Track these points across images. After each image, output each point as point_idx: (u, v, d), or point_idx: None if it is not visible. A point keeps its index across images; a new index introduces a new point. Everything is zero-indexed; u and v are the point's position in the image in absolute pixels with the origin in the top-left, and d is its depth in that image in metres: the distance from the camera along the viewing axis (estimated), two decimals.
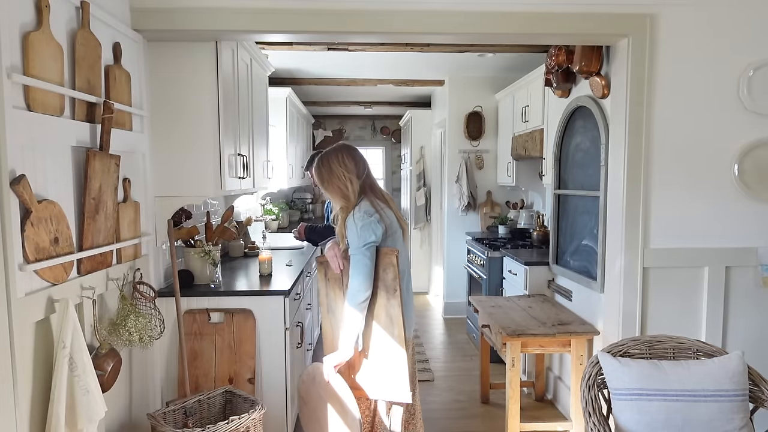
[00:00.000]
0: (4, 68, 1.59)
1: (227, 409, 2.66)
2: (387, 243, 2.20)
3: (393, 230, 2.22)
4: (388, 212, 2.22)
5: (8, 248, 1.61)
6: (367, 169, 2.28)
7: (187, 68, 2.73)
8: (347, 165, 2.20)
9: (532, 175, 4.94)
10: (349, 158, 2.22)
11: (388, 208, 2.24)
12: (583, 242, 3.25)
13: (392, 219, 2.24)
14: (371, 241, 2.11)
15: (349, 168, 2.20)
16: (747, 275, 2.76)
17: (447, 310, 5.88)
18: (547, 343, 3.01)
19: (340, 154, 2.23)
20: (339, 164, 2.20)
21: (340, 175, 2.18)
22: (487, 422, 3.42)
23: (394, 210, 2.28)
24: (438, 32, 2.60)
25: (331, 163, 2.21)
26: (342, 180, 2.18)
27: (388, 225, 2.18)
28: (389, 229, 2.19)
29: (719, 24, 2.65)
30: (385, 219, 2.17)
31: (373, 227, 2.11)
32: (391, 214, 2.23)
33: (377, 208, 2.17)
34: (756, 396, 2.05)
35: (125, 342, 2.24)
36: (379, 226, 2.14)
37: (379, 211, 2.16)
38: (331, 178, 2.20)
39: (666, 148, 2.70)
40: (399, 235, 2.26)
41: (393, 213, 2.26)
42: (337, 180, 2.19)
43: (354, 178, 2.20)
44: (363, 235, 2.11)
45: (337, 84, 5.87)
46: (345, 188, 2.19)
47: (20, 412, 1.66)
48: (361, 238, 2.11)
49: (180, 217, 3.00)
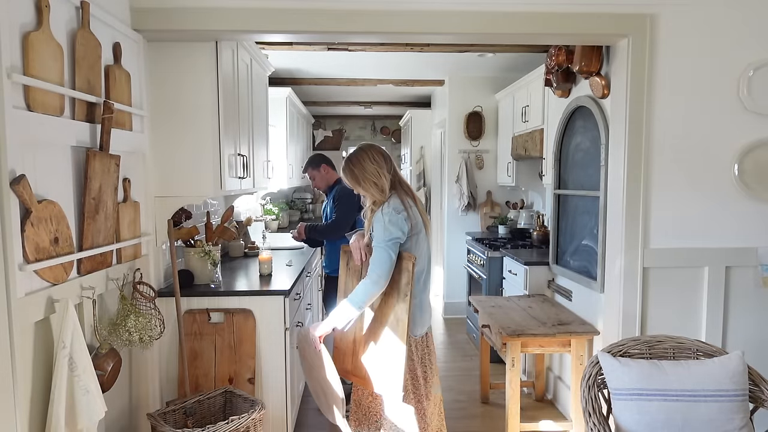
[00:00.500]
0: (4, 68, 1.59)
1: (227, 409, 2.66)
2: (411, 241, 2.24)
3: (418, 229, 2.27)
4: (414, 210, 2.27)
5: (8, 248, 1.61)
6: (394, 164, 2.37)
7: (187, 68, 2.73)
8: (378, 161, 2.28)
9: (532, 175, 4.94)
10: (378, 155, 2.30)
11: (414, 206, 2.29)
12: (583, 242, 3.25)
13: (418, 217, 2.28)
14: (396, 237, 2.17)
15: (380, 164, 2.28)
16: (747, 275, 2.76)
17: (447, 310, 5.88)
18: (547, 343, 3.01)
19: (369, 151, 2.31)
20: (371, 161, 2.27)
21: (374, 171, 2.26)
22: (487, 422, 3.42)
23: (419, 207, 2.32)
24: (438, 32, 2.60)
25: (363, 162, 2.28)
26: (376, 175, 2.26)
27: (414, 224, 2.23)
28: (414, 228, 2.24)
29: (719, 24, 2.65)
30: (412, 217, 2.23)
31: (400, 224, 2.17)
32: (416, 212, 2.27)
33: (406, 205, 2.24)
34: (756, 396, 2.05)
35: (125, 342, 2.24)
36: (405, 224, 2.19)
37: (407, 209, 2.22)
38: (365, 175, 2.27)
39: (666, 148, 2.70)
40: (423, 233, 2.29)
41: (418, 210, 2.30)
42: (371, 176, 2.26)
43: (386, 173, 2.27)
44: (389, 230, 2.16)
45: (337, 84, 5.87)
46: (381, 182, 2.26)
47: (20, 412, 1.66)
48: (387, 231, 2.16)
49: (180, 217, 3.00)
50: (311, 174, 3.88)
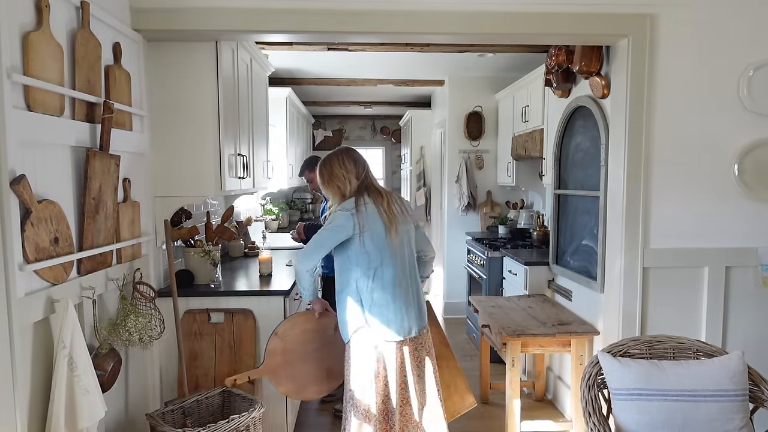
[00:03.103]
0: (4, 68, 1.59)
1: (225, 408, 2.66)
2: (364, 237, 2.26)
3: (370, 226, 2.27)
4: (371, 209, 2.29)
5: (8, 248, 1.61)
6: (366, 169, 2.42)
7: (187, 68, 2.73)
8: (347, 166, 2.36)
9: (532, 175, 4.94)
10: (349, 160, 2.38)
11: (376, 205, 2.30)
12: (583, 242, 3.25)
13: (373, 217, 2.28)
14: (335, 224, 2.28)
15: (349, 169, 2.36)
16: (747, 275, 2.76)
17: (447, 310, 5.88)
18: (547, 343, 3.01)
19: (340, 156, 2.40)
20: (339, 166, 2.36)
21: (340, 175, 2.35)
22: (487, 422, 3.42)
23: (386, 208, 2.31)
24: (438, 32, 2.60)
25: (332, 165, 2.38)
26: (341, 180, 2.35)
27: (364, 221, 2.26)
28: (365, 225, 2.26)
29: (719, 24, 2.65)
30: (362, 216, 2.27)
31: (342, 218, 2.27)
32: (373, 212, 2.28)
33: (359, 205, 2.29)
34: (756, 396, 2.05)
35: (125, 342, 2.24)
36: (349, 219, 2.26)
37: (359, 207, 2.28)
38: (331, 178, 2.37)
39: (666, 148, 2.70)
40: (378, 231, 2.27)
41: (383, 210, 2.30)
42: (336, 180, 2.35)
43: (353, 178, 2.35)
44: (330, 219, 2.32)
45: (337, 84, 5.87)
46: (343, 187, 2.35)
47: (20, 412, 1.66)
48: (328, 220, 2.32)
49: (180, 217, 3.00)
50: (308, 176, 3.89)
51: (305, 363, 2.60)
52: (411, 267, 2.42)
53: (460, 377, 2.71)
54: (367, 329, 2.31)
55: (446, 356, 2.72)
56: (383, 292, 2.30)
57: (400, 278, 2.34)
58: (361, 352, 2.33)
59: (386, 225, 2.29)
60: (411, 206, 2.52)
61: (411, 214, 2.48)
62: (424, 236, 2.61)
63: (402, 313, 2.33)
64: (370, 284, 2.29)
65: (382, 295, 2.30)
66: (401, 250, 2.36)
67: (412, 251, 2.45)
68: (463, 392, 2.68)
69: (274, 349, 2.58)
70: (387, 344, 2.32)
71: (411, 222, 2.47)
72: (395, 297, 2.32)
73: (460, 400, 2.68)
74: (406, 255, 2.39)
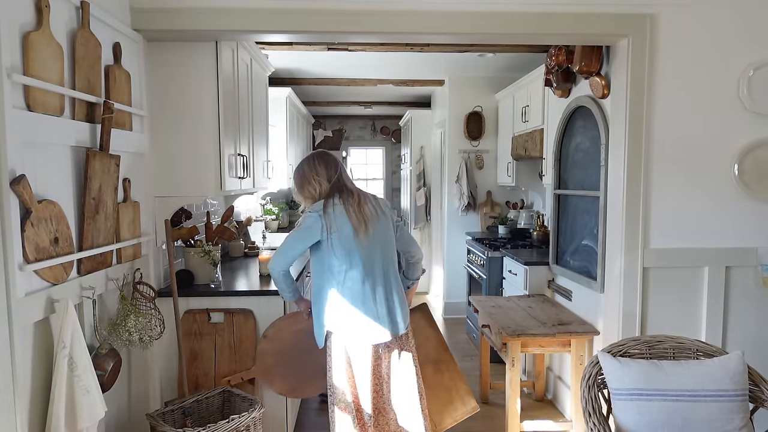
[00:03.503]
0: (4, 68, 1.59)
1: (225, 408, 2.66)
2: (332, 239, 2.26)
3: (338, 228, 2.25)
4: (340, 210, 2.27)
5: (8, 248, 1.61)
6: (339, 171, 2.39)
7: (187, 68, 2.73)
8: (317, 169, 2.36)
9: (532, 175, 4.94)
10: (320, 164, 2.37)
11: (345, 206, 2.28)
12: (583, 242, 3.25)
13: (342, 218, 2.26)
14: (303, 225, 2.29)
15: (320, 172, 2.35)
16: (747, 275, 2.76)
17: (447, 310, 5.88)
18: (547, 343, 3.01)
19: (312, 160, 2.40)
20: (310, 169, 2.37)
21: (311, 178, 2.35)
22: (487, 422, 3.42)
23: (356, 208, 2.29)
24: (438, 32, 2.60)
25: (303, 169, 2.39)
26: (312, 183, 2.35)
27: (331, 222, 2.25)
28: (333, 226, 2.25)
29: (719, 24, 2.65)
30: (330, 217, 2.26)
31: (310, 219, 2.28)
32: (341, 213, 2.26)
33: (327, 206, 2.29)
34: (756, 396, 2.06)
35: (125, 342, 2.24)
36: (317, 220, 2.26)
37: (327, 209, 2.28)
38: (303, 182, 2.37)
39: (666, 148, 2.70)
40: (347, 232, 2.25)
41: (353, 211, 2.28)
42: (308, 184, 2.36)
43: (324, 181, 2.35)
44: (299, 221, 2.34)
45: (337, 84, 5.87)
46: (314, 191, 2.36)
47: (20, 412, 1.66)
48: (298, 223, 2.34)
49: (180, 217, 3.00)
50: None
51: (298, 363, 2.60)
52: (386, 268, 2.35)
53: (461, 381, 2.69)
54: (338, 333, 2.29)
55: (446, 360, 2.70)
56: (353, 295, 2.26)
57: (374, 281, 2.29)
58: (334, 356, 2.31)
59: (355, 225, 2.25)
60: (388, 206, 2.47)
61: (388, 214, 2.43)
62: (409, 237, 2.56)
63: (373, 316, 2.27)
64: (340, 287, 2.27)
65: (351, 298, 2.26)
66: (375, 252, 2.30)
67: (388, 252, 2.38)
68: (465, 396, 2.67)
69: (264, 350, 2.58)
70: (357, 349, 2.28)
71: (389, 222, 2.42)
72: (365, 300, 2.27)
73: (461, 404, 2.66)
74: (380, 257, 2.32)
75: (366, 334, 2.28)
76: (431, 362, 2.67)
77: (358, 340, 2.28)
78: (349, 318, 2.27)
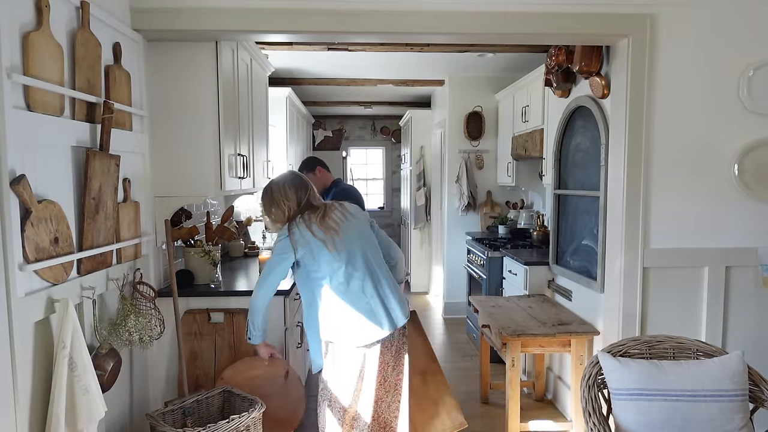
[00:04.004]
0: (4, 68, 1.59)
1: (225, 408, 2.66)
2: (304, 258, 2.28)
3: (307, 243, 2.27)
4: (303, 228, 2.29)
5: (8, 248, 1.61)
6: (308, 191, 2.40)
7: (187, 68, 2.73)
8: (288, 193, 2.36)
9: (532, 175, 4.94)
10: (289, 188, 2.37)
11: (308, 223, 2.29)
12: (583, 242, 3.25)
13: (307, 235, 2.27)
14: (277, 252, 2.32)
15: (289, 197, 2.35)
16: (747, 275, 2.76)
17: (447, 310, 5.88)
18: (547, 343, 3.01)
19: (281, 185, 2.39)
20: (280, 193, 2.36)
21: (280, 202, 2.35)
22: (487, 422, 3.42)
23: (319, 220, 2.30)
24: (438, 32, 2.60)
25: (273, 193, 2.38)
26: (281, 207, 2.35)
27: (297, 242, 2.27)
28: (298, 245, 2.27)
29: (719, 24, 2.65)
30: (295, 237, 2.28)
31: (281, 244, 2.31)
32: (305, 230, 2.28)
33: (291, 227, 2.31)
34: (756, 396, 2.06)
35: (125, 342, 2.24)
36: (286, 244, 2.29)
37: (291, 230, 2.30)
38: (271, 206, 2.37)
39: (666, 148, 2.70)
40: (318, 249, 2.26)
41: (315, 224, 2.29)
42: (276, 207, 2.36)
43: (293, 205, 2.36)
44: (273, 249, 2.36)
45: (337, 84, 5.87)
46: (283, 214, 2.36)
47: (20, 412, 1.66)
48: (272, 250, 2.36)
49: (180, 217, 3.00)
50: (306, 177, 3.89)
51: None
52: (370, 263, 2.34)
53: (448, 395, 2.59)
54: (337, 338, 2.29)
55: (433, 371, 2.62)
56: (342, 296, 2.27)
57: (361, 277, 2.29)
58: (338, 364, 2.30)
59: (321, 238, 2.26)
60: (359, 209, 2.48)
61: (360, 216, 2.44)
62: (387, 239, 2.56)
63: (366, 311, 2.27)
64: (328, 294, 2.28)
65: (341, 300, 2.26)
66: (353, 251, 2.30)
67: (369, 247, 2.37)
68: (452, 411, 2.56)
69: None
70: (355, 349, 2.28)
71: (363, 221, 2.43)
72: (356, 298, 2.27)
73: (448, 419, 2.56)
74: (359, 254, 2.31)
75: (364, 331, 2.27)
76: (419, 373, 2.58)
77: (357, 339, 2.27)
78: (344, 319, 2.27)
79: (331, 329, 2.29)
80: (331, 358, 2.32)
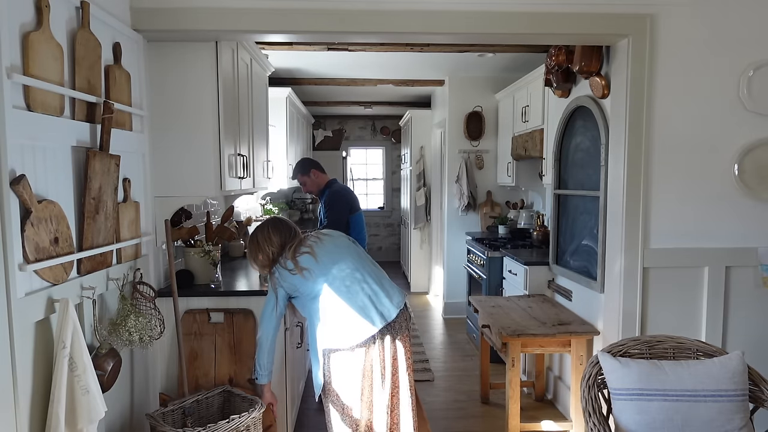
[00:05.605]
0: (4, 68, 1.59)
1: (225, 408, 2.66)
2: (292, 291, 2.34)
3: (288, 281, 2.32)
4: (281, 269, 2.34)
5: (8, 248, 1.61)
6: (292, 233, 2.43)
7: (187, 68, 2.73)
8: (272, 240, 2.39)
9: (532, 175, 4.94)
10: (274, 233, 2.40)
11: (282, 262, 2.34)
12: (583, 242, 3.25)
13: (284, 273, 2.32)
14: (270, 293, 2.38)
15: (274, 242, 2.39)
16: (747, 275, 2.76)
17: (447, 310, 5.88)
18: (547, 343, 3.01)
19: (265, 230, 2.42)
20: (265, 239, 2.40)
21: (265, 248, 2.39)
22: (487, 422, 3.42)
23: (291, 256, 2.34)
24: (438, 32, 2.60)
25: (258, 240, 2.41)
26: (266, 251, 2.39)
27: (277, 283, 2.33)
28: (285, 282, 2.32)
29: (719, 24, 2.66)
30: (275, 277, 2.34)
31: (269, 285, 2.40)
32: (282, 269, 2.33)
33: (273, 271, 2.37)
34: (756, 396, 2.06)
35: (125, 342, 2.24)
36: (271, 286, 2.37)
37: (272, 273, 2.36)
38: (258, 252, 2.40)
39: (666, 148, 2.70)
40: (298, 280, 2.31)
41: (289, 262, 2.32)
42: (261, 254, 2.39)
43: (277, 249, 2.39)
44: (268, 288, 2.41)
45: (337, 84, 5.87)
46: (268, 259, 2.39)
47: (20, 412, 1.66)
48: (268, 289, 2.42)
49: (180, 217, 3.00)
50: (301, 180, 3.92)
51: None
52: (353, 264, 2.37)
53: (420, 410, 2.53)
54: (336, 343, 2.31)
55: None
56: (334, 298, 2.30)
57: (349, 279, 2.33)
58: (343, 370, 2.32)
59: (298, 273, 2.30)
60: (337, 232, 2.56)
61: (334, 235, 2.50)
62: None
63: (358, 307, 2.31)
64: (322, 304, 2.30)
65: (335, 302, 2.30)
66: (336, 261, 2.34)
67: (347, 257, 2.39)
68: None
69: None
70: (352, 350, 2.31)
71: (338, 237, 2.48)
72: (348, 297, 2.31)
73: None
74: (342, 264, 2.34)
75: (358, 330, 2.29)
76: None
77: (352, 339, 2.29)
78: (338, 323, 2.29)
79: (327, 337, 2.32)
80: (334, 366, 2.33)
